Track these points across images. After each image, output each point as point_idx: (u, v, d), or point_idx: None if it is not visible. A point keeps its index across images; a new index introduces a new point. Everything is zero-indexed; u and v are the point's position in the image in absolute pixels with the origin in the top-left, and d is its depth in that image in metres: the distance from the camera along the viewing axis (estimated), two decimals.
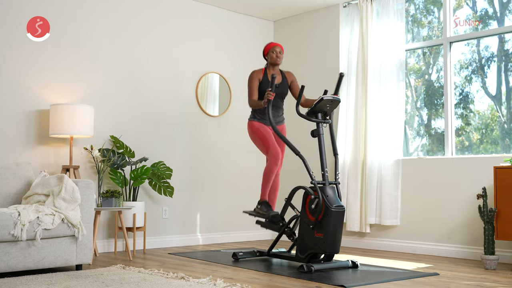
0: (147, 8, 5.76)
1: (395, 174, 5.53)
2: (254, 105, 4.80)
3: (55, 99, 5.04)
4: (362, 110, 5.76)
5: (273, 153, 4.76)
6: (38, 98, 4.96)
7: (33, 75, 4.95)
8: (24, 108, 4.88)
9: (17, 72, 4.87)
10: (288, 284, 3.66)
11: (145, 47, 5.72)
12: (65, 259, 4.04)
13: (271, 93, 4.51)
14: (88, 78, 5.29)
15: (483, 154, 5.20)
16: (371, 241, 5.72)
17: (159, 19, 5.85)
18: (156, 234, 5.66)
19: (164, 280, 3.64)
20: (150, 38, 5.77)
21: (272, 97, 4.51)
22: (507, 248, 4.73)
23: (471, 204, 4.98)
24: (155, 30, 5.81)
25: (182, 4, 6.04)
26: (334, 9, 6.24)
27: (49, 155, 5.00)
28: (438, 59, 5.68)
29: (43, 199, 4.18)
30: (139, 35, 5.68)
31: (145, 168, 5.22)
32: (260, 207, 4.84)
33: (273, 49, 4.91)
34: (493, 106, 5.29)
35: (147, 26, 5.75)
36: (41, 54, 5.00)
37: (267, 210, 4.79)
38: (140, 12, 5.70)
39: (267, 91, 4.52)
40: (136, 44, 5.66)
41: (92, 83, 5.32)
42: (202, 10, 6.21)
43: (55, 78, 5.08)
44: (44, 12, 5.02)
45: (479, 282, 3.77)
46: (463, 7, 5.54)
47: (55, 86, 5.07)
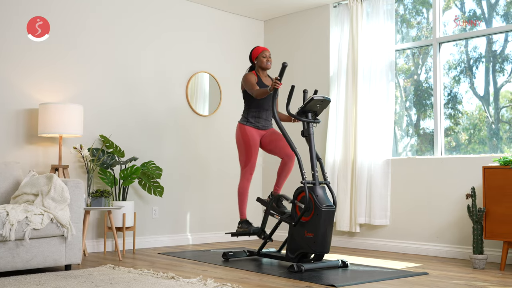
0: (138, 7, 5.74)
1: (384, 174, 5.56)
2: (260, 93, 4.59)
3: (44, 98, 5.01)
4: (352, 110, 5.78)
5: (250, 171, 4.85)
6: (27, 97, 4.92)
7: (22, 74, 4.91)
8: (12, 107, 4.84)
9: (6, 71, 4.83)
10: (279, 283, 3.67)
11: (135, 46, 5.70)
12: (54, 259, 4.01)
13: (279, 82, 4.36)
14: (77, 77, 5.26)
15: (472, 154, 5.24)
16: (361, 240, 5.74)
17: (149, 18, 5.82)
18: (145, 234, 5.65)
19: (154, 280, 3.63)
20: (140, 38, 5.74)
21: (279, 86, 4.38)
22: (495, 247, 4.77)
23: (460, 204, 5.01)
24: (145, 30, 5.79)
25: (172, 3, 6.02)
26: (324, 9, 6.26)
27: (38, 154, 4.96)
28: (427, 60, 5.71)
29: (32, 199, 4.15)
30: (129, 34, 5.66)
31: (135, 167, 5.20)
32: (240, 226, 4.89)
33: (263, 53, 4.83)
34: (481, 106, 5.33)
35: (138, 26, 5.73)
36: (30, 53, 4.96)
37: (248, 226, 4.85)
38: (131, 11, 5.68)
39: (275, 79, 4.36)
40: (126, 43, 5.63)
41: (82, 82, 5.29)
42: (192, 9, 6.20)
43: (44, 77, 5.04)
44: (36, 12, 4.98)
45: (468, 282, 3.80)
46: (451, 8, 5.58)
47: (44, 85, 5.04)
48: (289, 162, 4.85)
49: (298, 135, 5.77)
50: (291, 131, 6.14)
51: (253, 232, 4.79)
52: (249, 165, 4.82)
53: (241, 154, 4.87)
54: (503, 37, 5.17)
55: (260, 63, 4.85)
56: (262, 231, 4.76)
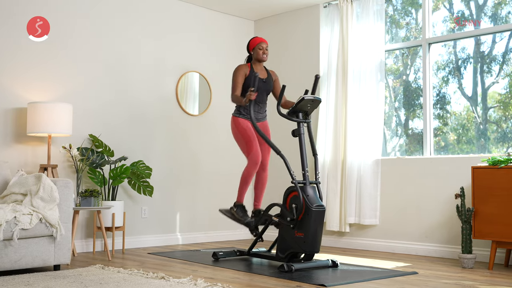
0: (127, 7, 5.71)
1: (374, 174, 5.58)
2: (236, 101, 4.70)
3: (33, 97, 4.97)
4: (342, 110, 5.79)
5: (254, 158, 4.69)
6: (15, 96, 4.88)
7: (11, 73, 4.87)
8: (1, 106, 4.80)
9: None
10: (269, 283, 3.67)
11: (125, 46, 5.67)
12: (43, 259, 3.98)
13: (253, 94, 4.45)
14: (67, 77, 5.23)
15: (460, 154, 5.28)
16: (351, 240, 5.76)
17: (138, 18, 5.80)
18: (135, 233, 5.62)
19: (144, 280, 3.61)
20: (130, 38, 5.72)
21: (254, 97, 4.48)
22: (484, 247, 4.81)
23: (449, 204, 5.05)
24: (135, 29, 5.76)
25: (162, 2, 6.00)
26: (314, 9, 6.27)
27: (27, 154, 4.92)
28: (415, 60, 5.75)
29: (20, 199, 4.12)
30: (119, 34, 5.63)
31: (125, 167, 5.17)
32: (236, 210, 4.83)
33: (260, 45, 4.81)
34: (469, 107, 5.37)
35: (127, 26, 5.70)
36: (19, 52, 4.92)
37: (243, 216, 4.78)
38: (120, 11, 5.65)
39: (249, 91, 4.45)
40: (116, 43, 5.60)
41: (71, 81, 5.25)
42: (182, 8, 6.18)
43: (33, 76, 5.00)
44: (24, 13, 4.94)
45: (457, 281, 3.83)
46: (440, 9, 5.62)
47: (33, 84, 5.00)
48: (263, 173, 4.89)
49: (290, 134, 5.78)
50: (285, 131, 6.15)
51: (246, 224, 4.73)
52: (252, 152, 4.69)
53: (241, 145, 4.81)
54: (491, 38, 5.21)
55: (256, 55, 4.83)
56: (255, 227, 4.75)
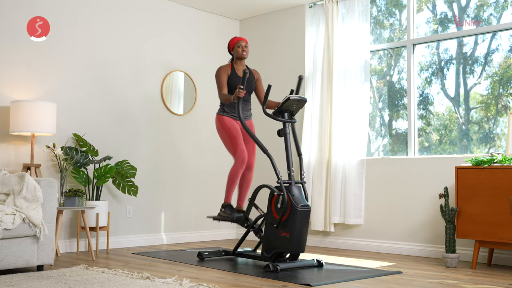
0: (111, 5, 5.67)
1: (359, 174, 5.61)
2: (225, 100, 4.71)
3: (16, 95, 4.91)
4: (327, 110, 5.81)
5: (240, 156, 4.72)
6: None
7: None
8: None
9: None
10: (254, 283, 3.67)
11: (109, 44, 5.63)
12: (26, 259, 3.94)
13: (241, 91, 4.44)
14: (50, 75, 5.17)
15: (443, 154, 5.33)
16: (335, 240, 5.78)
17: (123, 16, 5.76)
18: (119, 233, 5.58)
19: (129, 281, 3.59)
20: (114, 36, 5.68)
21: (243, 94, 4.47)
22: (467, 246, 4.86)
23: (433, 204, 5.09)
24: (119, 28, 5.72)
25: (147, 2, 5.97)
26: (300, 9, 6.28)
27: (10, 153, 4.86)
28: (399, 61, 5.79)
29: (3, 198, 4.07)
30: (102, 32, 5.59)
31: (109, 166, 5.13)
32: (224, 210, 4.85)
33: (239, 43, 4.89)
34: (452, 107, 5.42)
35: (112, 24, 5.66)
36: (1, 51, 4.86)
37: (231, 212, 4.79)
38: (104, 9, 5.61)
39: (238, 88, 4.44)
40: (100, 41, 5.56)
41: (55, 80, 5.20)
42: (167, 7, 6.15)
43: (16, 75, 4.94)
44: (8, 11, 4.88)
45: (441, 280, 3.87)
46: (423, 10, 5.67)
47: (16, 82, 4.94)
48: (249, 173, 4.91)
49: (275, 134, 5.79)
50: (271, 131, 6.16)
51: (236, 220, 4.74)
52: (238, 151, 4.72)
53: (226, 144, 4.84)
54: (473, 39, 5.27)
55: (236, 53, 4.89)
56: (245, 219, 4.75)
